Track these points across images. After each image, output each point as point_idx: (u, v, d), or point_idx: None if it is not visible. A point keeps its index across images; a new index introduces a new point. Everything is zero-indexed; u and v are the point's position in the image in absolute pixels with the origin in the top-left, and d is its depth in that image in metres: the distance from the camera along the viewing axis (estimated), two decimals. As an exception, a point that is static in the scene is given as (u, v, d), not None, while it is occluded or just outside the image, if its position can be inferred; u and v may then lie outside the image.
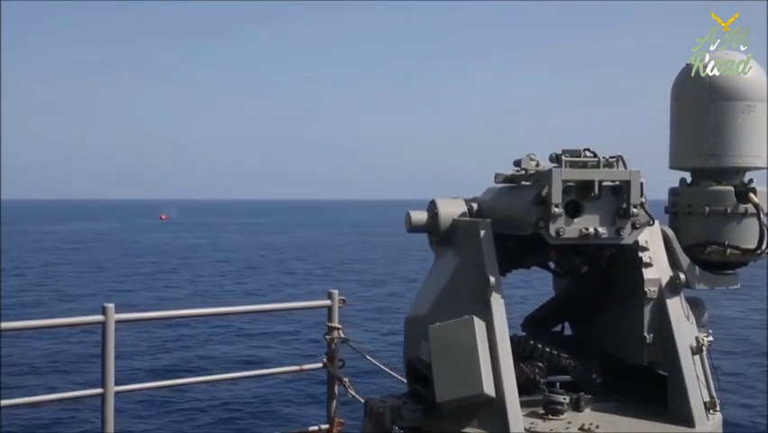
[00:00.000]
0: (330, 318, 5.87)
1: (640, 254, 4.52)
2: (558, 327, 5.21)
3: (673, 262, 4.66)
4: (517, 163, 4.48)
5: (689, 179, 4.95)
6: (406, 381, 5.01)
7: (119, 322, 5.11)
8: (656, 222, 4.48)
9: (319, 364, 5.96)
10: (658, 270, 4.54)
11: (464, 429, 4.19)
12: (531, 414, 4.32)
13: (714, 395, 4.43)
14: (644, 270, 4.50)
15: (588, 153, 4.34)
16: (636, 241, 4.42)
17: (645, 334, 4.47)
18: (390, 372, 6.05)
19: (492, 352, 4.21)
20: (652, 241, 4.58)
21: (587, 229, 4.19)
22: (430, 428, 4.40)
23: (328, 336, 5.86)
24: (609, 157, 4.34)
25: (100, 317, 5.07)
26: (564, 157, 4.27)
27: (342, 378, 5.83)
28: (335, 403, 5.94)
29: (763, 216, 4.65)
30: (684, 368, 4.34)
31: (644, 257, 4.52)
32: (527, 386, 4.44)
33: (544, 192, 4.17)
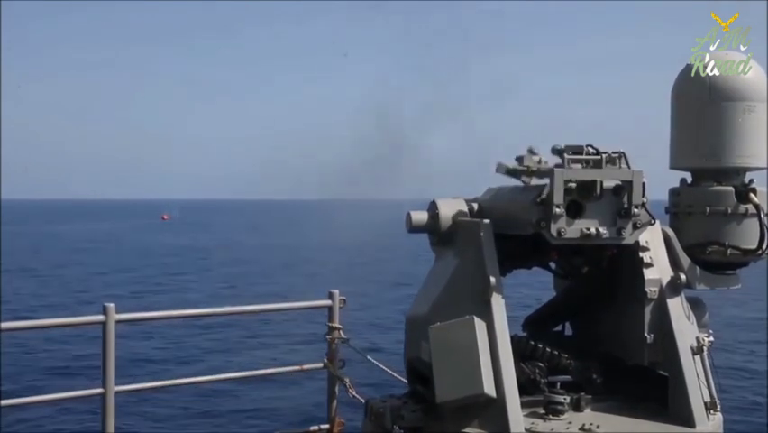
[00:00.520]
0: (330, 318, 5.87)
1: (641, 254, 4.51)
2: (559, 328, 5.21)
3: (674, 262, 4.66)
4: (519, 159, 4.47)
5: (689, 179, 4.96)
6: (406, 381, 5.01)
7: (119, 322, 5.12)
8: (657, 222, 4.48)
9: (319, 364, 5.96)
10: (659, 270, 4.54)
11: (465, 429, 4.19)
12: (531, 414, 4.32)
13: (714, 395, 4.42)
14: (644, 270, 4.50)
15: (590, 150, 4.33)
16: (637, 241, 4.42)
17: (646, 334, 4.47)
18: (391, 372, 6.05)
19: (493, 352, 4.21)
20: (652, 241, 4.58)
21: (588, 229, 4.18)
22: (430, 429, 4.40)
23: (329, 336, 5.86)
24: (612, 153, 4.32)
25: (100, 316, 5.07)
26: (566, 155, 4.26)
27: (343, 378, 5.83)
28: (336, 403, 5.94)
29: (763, 217, 4.66)
30: (685, 368, 4.34)
31: (645, 257, 4.52)
32: (528, 386, 4.44)
33: (545, 192, 4.17)
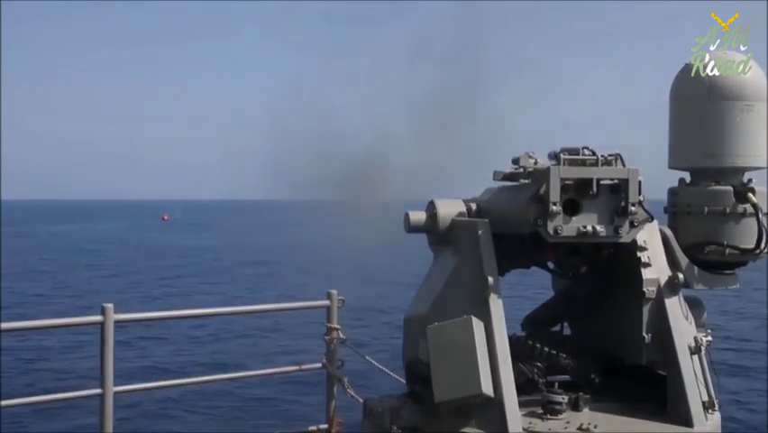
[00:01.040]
0: (329, 319, 5.87)
1: (639, 254, 4.51)
2: (557, 327, 5.21)
3: (672, 261, 4.66)
4: (516, 161, 4.48)
5: (688, 178, 4.96)
6: (405, 381, 5.01)
7: (118, 322, 5.12)
8: (655, 221, 4.48)
9: (318, 364, 5.97)
10: (657, 270, 4.53)
11: (463, 429, 4.19)
12: (529, 414, 4.32)
13: (713, 395, 4.42)
14: (642, 269, 4.50)
15: (587, 151, 4.34)
16: (635, 240, 4.42)
17: (644, 333, 4.47)
18: (389, 372, 6.05)
19: (491, 352, 4.21)
20: (650, 241, 4.57)
21: (585, 227, 4.18)
22: (429, 428, 4.40)
23: (327, 336, 5.86)
24: (608, 155, 4.34)
25: (99, 317, 5.07)
26: (563, 155, 4.27)
27: (342, 378, 5.83)
28: (334, 403, 5.94)
29: (761, 216, 4.65)
30: (683, 368, 4.34)
31: (643, 257, 4.52)
32: (526, 386, 4.44)
33: (542, 191, 4.17)
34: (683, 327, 4.47)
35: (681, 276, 4.52)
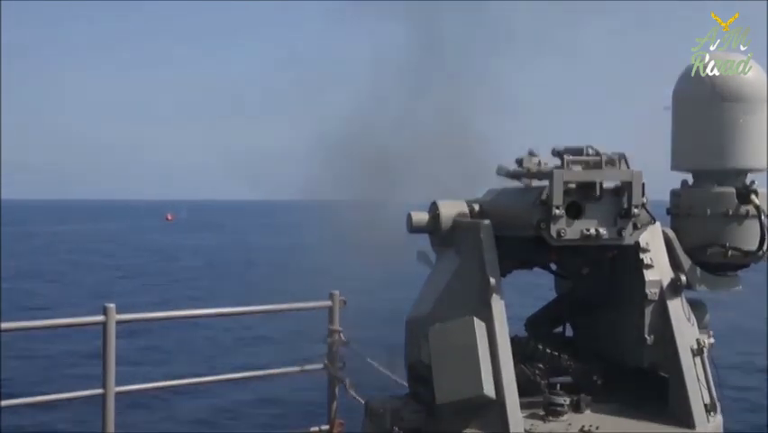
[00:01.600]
0: (331, 319, 5.87)
1: (641, 256, 4.51)
2: (559, 329, 5.20)
3: (674, 263, 4.65)
4: (519, 162, 4.47)
5: (690, 180, 4.95)
6: (406, 382, 5.00)
7: (120, 322, 5.12)
8: (657, 223, 4.48)
9: (320, 365, 5.97)
10: (659, 271, 4.53)
11: (464, 431, 4.19)
12: (531, 415, 4.31)
13: (715, 397, 4.42)
14: (645, 271, 4.50)
15: (591, 151, 4.33)
16: (638, 242, 4.41)
17: (646, 335, 4.47)
18: (390, 373, 6.05)
19: (492, 353, 4.20)
20: (653, 242, 4.57)
21: (588, 230, 4.18)
22: (430, 430, 4.39)
23: (329, 337, 5.86)
24: (612, 154, 4.33)
25: (101, 317, 5.07)
26: (566, 157, 4.26)
27: (343, 379, 5.83)
28: (336, 404, 5.94)
29: (764, 218, 4.64)
30: (685, 370, 4.33)
31: (646, 259, 4.51)
32: (528, 387, 4.43)
33: (544, 194, 4.17)
34: (685, 329, 4.46)
35: (683, 278, 4.52)
